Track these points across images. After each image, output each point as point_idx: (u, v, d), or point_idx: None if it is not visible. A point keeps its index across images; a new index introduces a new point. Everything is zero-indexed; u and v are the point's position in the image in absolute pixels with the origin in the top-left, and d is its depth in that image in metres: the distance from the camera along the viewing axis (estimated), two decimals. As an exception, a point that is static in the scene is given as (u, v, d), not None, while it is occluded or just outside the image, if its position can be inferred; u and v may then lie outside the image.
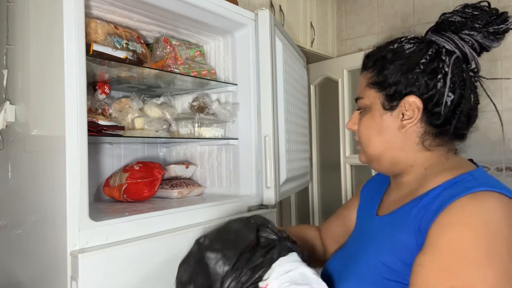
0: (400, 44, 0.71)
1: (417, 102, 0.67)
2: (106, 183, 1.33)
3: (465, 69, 0.68)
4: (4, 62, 1.09)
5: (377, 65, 0.72)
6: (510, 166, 2.17)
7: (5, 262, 1.09)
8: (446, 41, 0.68)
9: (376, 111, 0.71)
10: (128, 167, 1.28)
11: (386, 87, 0.70)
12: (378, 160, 0.73)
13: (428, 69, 0.67)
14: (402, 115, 0.69)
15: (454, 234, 0.56)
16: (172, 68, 1.31)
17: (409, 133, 0.69)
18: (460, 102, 0.68)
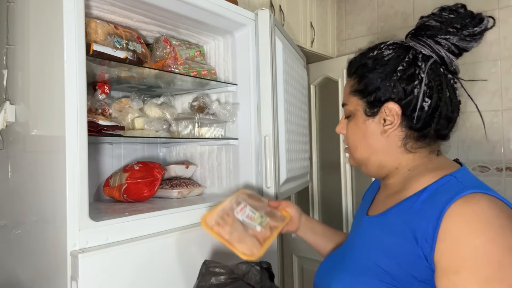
0: (379, 50, 0.73)
1: (396, 108, 0.70)
2: (106, 183, 1.33)
3: (442, 73, 0.70)
4: (4, 62, 1.09)
5: (358, 73, 0.75)
6: (510, 166, 2.17)
7: (5, 262, 1.09)
8: (422, 46, 0.70)
9: (359, 117, 0.75)
10: (128, 167, 1.29)
11: (367, 95, 0.73)
12: (366, 164, 0.77)
13: (405, 75, 0.69)
14: (384, 121, 0.72)
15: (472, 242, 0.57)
16: (172, 68, 1.31)
17: (392, 137, 0.72)
18: (438, 106, 0.70)
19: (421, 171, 0.71)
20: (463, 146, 2.28)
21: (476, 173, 2.25)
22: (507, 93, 2.17)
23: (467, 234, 0.58)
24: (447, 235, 0.59)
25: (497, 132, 2.20)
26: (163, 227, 1.04)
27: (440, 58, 0.70)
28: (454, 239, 0.58)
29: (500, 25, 2.19)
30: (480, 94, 2.24)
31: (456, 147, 2.31)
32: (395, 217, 0.69)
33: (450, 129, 0.74)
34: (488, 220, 0.58)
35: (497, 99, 2.20)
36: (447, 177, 0.67)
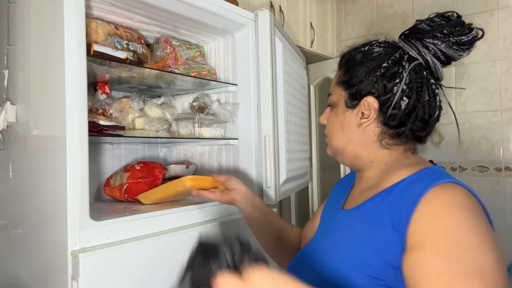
0: (370, 46, 0.75)
1: (374, 103, 0.72)
2: (106, 183, 1.34)
3: (425, 76, 0.71)
4: (5, 63, 1.09)
5: (346, 65, 0.77)
6: (509, 166, 2.17)
7: (6, 262, 1.09)
8: (410, 47, 0.72)
9: (340, 107, 0.77)
10: (129, 167, 1.29)
11: (350, 86, 0.74)
12: (342, 153, 0.79)
13: (388, 72, 0.71)
14: (362, 114, 0.73)
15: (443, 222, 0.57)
16: (172, 68, 1.32)
17: (368, 131, 0.74)
18: (416, 107, 0.71)
19: (397, 165, 0.73)
20: (463, 146, 2.29)
21: (475, 173, 2.25)
22: (506, 93, 2.18)
23: (440, 215, 0.58)
24: (421, 216, 0.59)
25: (496, 132, 2.20)
26: (163, 226, 1.04)
27: (425, 62, 0.71)
28: (427, 219, 0.58)
29: (500, 25, 2.19)
30: (480, 94, 2.25)
31: (455, 147, 2.31)
32: (372, 208, 0.69)
33: (427, 132, 0.75)
34: (462, 205, 0.59)
35: (496, 99, 2.20)
36: (424, 170, 0.69)
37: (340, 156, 0.80)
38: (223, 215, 1.22)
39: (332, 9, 2.81)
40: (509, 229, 2.16)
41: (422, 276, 0.55)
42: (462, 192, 0.61)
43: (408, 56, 0.72)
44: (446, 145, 2.61)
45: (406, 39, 0.73)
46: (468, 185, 0.65)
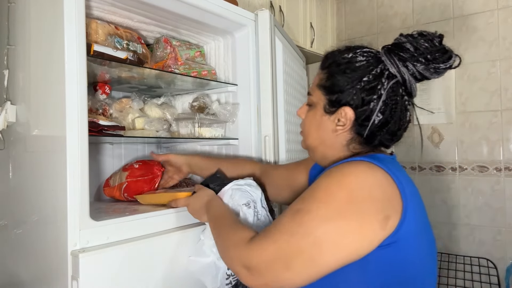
0: (354, 54, 0.78)
1: (351, 114, 0.76)
2: (106, 183, 1.34)
3: (400, 94, 0.76)
4: (5, 63, 1.09)
5: (329, 70, 0.80)
6: (508, 166, 2.17)
7: (6, 262, 1.09)
8: (391, 64, 0.75)
9: (319, 110, 0.81)
10: (127, 166, 1.29)
11: (330, 93, 0.78)
12: (313, 151, 0.86)
13: (368, 86, 0.75)
14: (338, 121, 0.78)
15: (319, 180, 0.71)
16: (172, 68, 1.32)
17: (340, 136, 0.79)
18: (388, 122, 0.76)
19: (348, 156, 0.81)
20: (462, 146, 2.29)
21: (475, 173, 2.25)
22: (506, 93, 2.18)
23: (324, 176, 0.70)
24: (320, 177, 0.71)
25: (496, 132, 2.20)
26: (163, 226, 1.04)
27: (403, 80, 0.75)
28: (316, 179, 0.71)
29: (500, 25, 2.19)
30: (480, 94, 2.25)
31: (455, 147, 2.31)
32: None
33: (393, 142, 0.81)
34: (341, 173, 0.68)
35: (496, 99, 2.20)
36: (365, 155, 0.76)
37: (312, 153, 0.87)
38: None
39: (332, 9, 2.81)
40: (509, 229, 2.16)
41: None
42: (358, 166, 0.69)
43: (388, 72, 0.75)
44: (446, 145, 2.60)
45: (389, 54, 0.76)
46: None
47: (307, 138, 0.85)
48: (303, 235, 0.65)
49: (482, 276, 2.17)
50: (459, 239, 2.31)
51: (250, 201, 0.95)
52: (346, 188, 0.66)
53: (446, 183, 2.34)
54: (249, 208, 0.94)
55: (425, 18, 2.43)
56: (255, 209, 0.95)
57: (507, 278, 2.00)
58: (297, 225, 0.66)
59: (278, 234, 0.67)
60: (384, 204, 0.66)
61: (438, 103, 2.37)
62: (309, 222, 0.65)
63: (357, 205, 0.65)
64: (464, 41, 2.30)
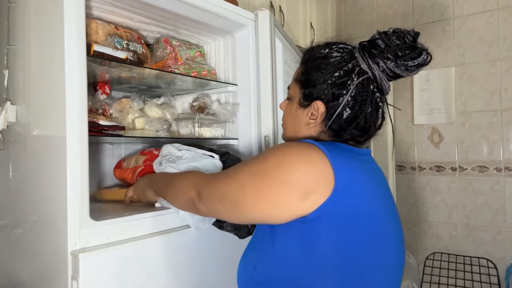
0: (330, 50, 0.80)
1: (322, 108, 0.79)
2: (118, 165, 1.32)
3: (371, 90, 0.78)
4: (5, 63, 1.09)
5: (307, 65, 0.83)
6: (508, 166, 2.17)
7: (6, 262, 1.09)
8: (362, 60, 0.77)
9: (295, 103, 0.85)
10: (146, 151, 1.28)
11: (305, 87, 0.82)
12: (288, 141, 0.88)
13: (338, 81, 0.77)
14: (311, 114, 0.81)
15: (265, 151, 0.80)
16: (172, 68, 1.32)
17: (311, 129, 0.82)
18: (357, 117, 0.78)
19: None
20: (462, 146, 2.29)
21: (475, 173, 2.25)
22: (506, 94, 2.18)
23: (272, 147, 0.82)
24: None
25: (496, 132, 2.20)
26: (163, 226, 1.04)
27: (373, 76, 0.77)
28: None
29: (500, 25, 2.19)
30: (479, 94, 2.25)
31: (455, 147, 2.31)
32: None
33: (365, 138, 0.82)
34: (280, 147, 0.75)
35: (496, 99, 2.20)
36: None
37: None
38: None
39: (332, 9, 2.81)
40: (509, 229, 2.16)
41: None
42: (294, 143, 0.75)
43: (359, 68, 0.77)
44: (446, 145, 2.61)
45: (362, 50, 0.78)
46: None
47: (285, 130, 0.90)
48: (235, 180, 0.75)
49: (482, 276, 2.17)
50: (459, 239, 2.31)
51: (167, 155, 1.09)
52: (278, 156, 0.72)
53: (446, 183, 2.34)
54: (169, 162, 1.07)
55: (425, 18, 2.43)
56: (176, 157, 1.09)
57: (507, 278, 2.00)
58: (235, 173, 0.77)
59: (222, 176, 0.79)
60: (309, 179, 0.69)
61: (438, 103, 2.37)
62: (242, 173, 0.75)
63: (281, 173, 0.71)
64: (464, 41, 2.30)
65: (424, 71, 2.41)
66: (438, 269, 2.32)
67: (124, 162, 1.30)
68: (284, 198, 0.70)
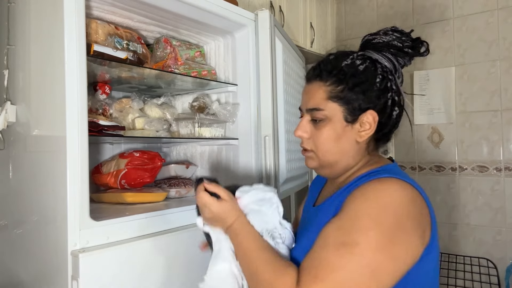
0: (352, 60, 0.78)
1: (375, 117, 0.77)
2: (96, 170, 1.32)
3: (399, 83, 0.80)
4: (5, 63, 1.09)
5: (337, 79, 0.78)
6: (508, 166, 2.17)
7: (6, 262, 1.09)
8: (388, 61, 0.79)
9: (337, 122, 0.78)
10: (126, 154, 1.28)
11: (349, 102, 0.77)
12: (332, 166, 0.81)
13: (382, 86, 0.77)
14: (360, 127, 0.78)
15: (355, 204, 0.68)
16: (172, 68, 1.32)
17: (362, 143, 0.79)
18: (401, 115, 0.81)
19: (364, 167, 0.80)
20: (462, 146, 2.29)
21: (475, 173, 2.25)
22: (506, 94, 2.18)
23: (359, 198, 0.69)
24: (347, 199, 0.70)
25: (496, 132, 2.20)
26: (163, 226, 1.05)
27: (394, 68, 0.79)
28: (349, 200, 0.69)
29: (499, 26, 2.19)
30: (479, 94, 2.25)
31: (455, 147, 2.31)
32: (331, 201, 0.77)
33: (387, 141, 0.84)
34: (382, 196, 0.67)
35: (496, 99, 2.20)
36: (378, 168, 0.78)
37: (329, 169, 0.82)
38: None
39: (332, 9, 2.81)
40: (509, 229, 2.16)
41: (321, 234, 0.69)
42: (394, 186, 0.69)
43: (387, 68, 0.79)
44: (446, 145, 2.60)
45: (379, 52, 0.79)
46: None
47: (325, 155, 0.80)
48: (357, 270, 0.62)
49: (482, 276, 2.17)
50: (459, 239, 2.31)
51: (273, 229, 0.82)
52: (388, 210, 0.65)
53: (446, 183, 2.34)
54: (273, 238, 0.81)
55: (425, 18, 2.43)
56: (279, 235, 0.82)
57: (507, 278, 2.00)
58: (347, 260, 0.63)
59: (328, 273, 0.63)
60: (420, 219, 0.68)
61: (438, 103, 2.37)
62: (361, 255, 0.63)
63: (402, 226, 0.65)
64: (464, 41, 2.29)
65: (424, 71, 2.41)
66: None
67: (103, 167, 1.30)
68: (415, 250, 0.66)
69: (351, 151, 0.79)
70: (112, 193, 1.23)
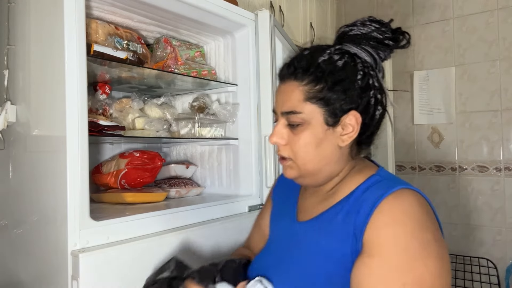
0: (329, 55, 0.70)
1: (358, 118, 0.69)
2: (96, 170, 1.32)
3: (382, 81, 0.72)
4: (5, 63, 1.09)
5: (314, 78, 0.69)
6: (508, 166, 2.17)
7: (6, 262, 1.09)
8: (368, 55, 0.71)
9: (317, 126, 0.69)
10: (126, 154, 1.28)
11: (330, 103, 0.69)
12: (314, 175, 0.73)
13: (363, 84, 0.69)
14: (342, 129, 0.70)
15: (392, 233, 0.60)
16: (172, 68, 1.32)
17: (345, 148, 0.72)
18: (384, 114, 0.73)
19: (351, 174, 0.74)
20: (462, 146, 2.29)
21: (475, 173, 2.25)
22: (506, 94, 2.18)
23: (390, 225, 0.61)
24: (373, 226, 0.62)
25: (496, 132, 2.20)
26: (163, 226, 1.05)
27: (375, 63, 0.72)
28: (378, 228, 0.61)
29: (500, 25, 2.19)
30: (479, 94, 2.25)
31: (455, 147, 2.31)
32: (329, 220, 0.70)
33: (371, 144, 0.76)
34: (412, 216, 0.61)
35: (496, 99, 2.20)
36: (374, 177, 0.71)
37: (310, 178, 0.73)
38: (223, 215, 1.22)
39: (332, 9, 2.81)
40: (509, 229, 2.16)
41: (365, 281, 0.59)
42: (413, 200, 0.63)
43: (367, 62, 0.71)
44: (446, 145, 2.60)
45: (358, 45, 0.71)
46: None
47: (306, 164, 0.71)
48: None
49: (482, 276, 2.17)
50: (459, 239, 2.31)
51: None
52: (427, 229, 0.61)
53: (446, 183, 2.34)
54: None
55: (425, 18, 2.43)
56: None
57: (507, 278, 2.00)
58: None
59: None
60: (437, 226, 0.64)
61: (438, 103, 2.37)
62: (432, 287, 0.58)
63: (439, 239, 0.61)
64: (464, 41, 2.29)
65: (424, 71, 2.41)
66: (438, 269, 2.31)
67: (103, 167, 1.31)
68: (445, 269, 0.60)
69: (334, 157, 0.71)
70: (112, 193, 1.23)
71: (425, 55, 2.43)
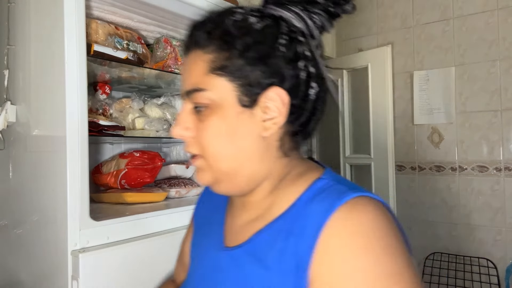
0: (241, 15, 0.53)
1: (284, 96, 0.51)
2: (96, 170, 1.33)
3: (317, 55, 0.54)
4: (5, 63, 1.09)
5: (221, 43, 0.51)
6: (508, 166, 2.17)
7: (6, 262, 1.09)
8: (298, 18, 0.53)
9: (229, 109, 0.52)
10: (126, 154, 1.28)
11: (242, 76, 0.51)
12: (232, 178, 0.54)
13: (289, 53, 0.51)
14: (263, 113, 0.52)
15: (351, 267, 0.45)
16: (172, 68, 1.32)
17: (270, 138, 0.53)
18: (323, 96, 0.56)
19: (289, 179, 0.56)
20: (462, 146, 2.29)
21: (475, 173, 2.25)
22: (506, 93, 2.18)
23: (347, 254, 0.45)
24: (321, 256, 0.46)
25: (496, 132, 2.20)
26: (163, 226, 1.04)
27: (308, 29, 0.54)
28: (328, 261, 0.46)
29: (500, 25, 2.19)
30: (480, 94, 2.25)
31: (455, 147, 2.31)
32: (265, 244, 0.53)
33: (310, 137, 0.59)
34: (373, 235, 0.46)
35: (496, 99, 2.20)
36: (319, 182, 0.54)
37: (227, 182, 0.55)
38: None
39: (332, 9, 2.81)
40: (509, 229, 2.17)
41: None
42: (373, 212, 0.47)
43: (295, 27, 0.53)
44: (446, 145, 2.61)
45: (283, 6, 0.53)
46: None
47: (218, 162, 0.53)
48: None
49: (482, 276, 2.17)
50: (459, 239, 2.31)
51: None
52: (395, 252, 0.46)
53: (446, 183, 2.34)
54: None
55: (425, 18, 2.43)
56: None
57: (507, 278, 2.00)
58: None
59: None
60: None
61: (438, 103, 2.37)
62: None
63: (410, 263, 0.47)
64: (464, 41, 2.30)
65: (423, 71, 2.41)
66: (438, 269, 2.32)
67: (103, 167, 1.31)
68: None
69: (256, 151, 0.53)
70: (112, 193, 1.23)
71: (425, 55, 2.43)
